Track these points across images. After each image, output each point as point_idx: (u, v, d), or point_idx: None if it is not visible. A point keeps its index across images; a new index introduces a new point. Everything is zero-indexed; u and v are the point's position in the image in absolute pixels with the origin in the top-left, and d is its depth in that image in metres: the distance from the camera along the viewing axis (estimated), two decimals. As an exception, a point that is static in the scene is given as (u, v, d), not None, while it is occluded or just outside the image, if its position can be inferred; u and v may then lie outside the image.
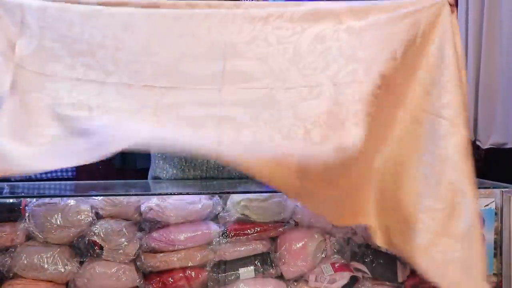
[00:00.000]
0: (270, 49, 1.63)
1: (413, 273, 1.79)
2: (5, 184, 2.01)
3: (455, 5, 1.68)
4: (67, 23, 1.65)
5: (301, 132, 1.57)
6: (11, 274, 1.73)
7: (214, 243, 1.80)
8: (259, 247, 1.81)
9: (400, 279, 1.80)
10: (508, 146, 2.63)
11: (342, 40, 1.63)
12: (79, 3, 1.68)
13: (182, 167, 2.11)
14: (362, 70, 1.60)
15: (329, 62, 1.62)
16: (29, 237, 1.78)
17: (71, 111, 1.60)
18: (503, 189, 1.80)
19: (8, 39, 1.64)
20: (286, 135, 1.57)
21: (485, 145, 2.73)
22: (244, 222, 1.81)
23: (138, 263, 1.76)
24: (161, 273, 1.77)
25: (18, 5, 1.66)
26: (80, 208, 1.78)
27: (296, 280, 1.80)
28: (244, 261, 1.79)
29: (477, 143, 2.74)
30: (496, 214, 1.80)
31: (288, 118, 1.59)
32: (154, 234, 1.77)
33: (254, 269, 1.77)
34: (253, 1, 2.49)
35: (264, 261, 1.79)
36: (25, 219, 1.77)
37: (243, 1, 1.85)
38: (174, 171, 2.12)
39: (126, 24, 1.65)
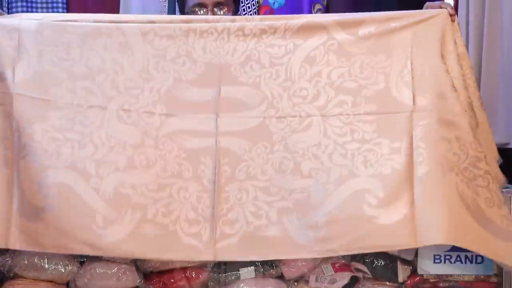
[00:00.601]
0: (262, 71, 1.68)
1: (413, 273, 1.80)
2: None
3: (454, 14, 1.69)
4: (65, 45, 1.68)
5: (291, 165, 1.65)
6: (11, 274, 1.73)
7: (214, 243, 1.80)
8: (260, 247, 1.81)
9: (400, 279, 1.79)
10: (509, 146, 2.62)
11: (332, 64, 1.68)
12: (76, 21, 1.69)
13: None
14: (350, 101, 1.67)
15: (319, 91, 1.68)
16: (29, 237, 1.78)
17: (75, 160, 1.64)
18: (504, 189, 1.79)
19: (7, 64, 1.67)
20: (278, 168, 1.65)
21: (486, 145, 2.72)
22: (244, 222, 1.80)
23: (138, 263, 1.76)
24: (161, 273, 1.77)
25: (16, 28, 1.68)
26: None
27: (297, 280, 1.80)
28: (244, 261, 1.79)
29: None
30: (497, 214, 1.79)
31: (280, 151, 1.66)
32: (155, 234, 1.77)
33: (255, 269, 1.77)
34: (250, 16, 2.49)
35: (265, 261, 1.78)
36: (26, 219, 1.77)
37: (238, 16, 1.85)
38: None
39: (123, 45, 1.68)
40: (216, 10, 2.04)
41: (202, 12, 2.03)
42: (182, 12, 2.14)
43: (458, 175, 1.62)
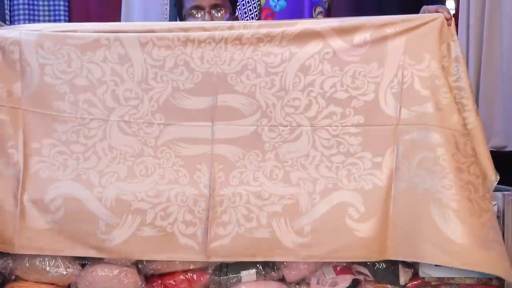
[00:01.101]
0: (258, 80, 1.71)
1: (415, 276, 1.80)
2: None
3: (451, 18, 1.68)
4: (65, 58, 1.70)
5: (281, 174, 1.70)
6: (13, 277, 1.73)
7: (216, 245, 1.80)
8: (261, 249, 1.81)
9: (402, 282, 1.79)
10: (508, 149, 2.62)
11: (325, 74, 1.70)
12: (75, 31, 1.70)
13: None
14: (339, 112, 1.70)
15: (311, 101, 1.71)
16: (31, 240, 1.78)
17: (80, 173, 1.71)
18: (505, 192, 1.80)
19: (10, 79, 1.69)
20: (269, 176, 1.70)
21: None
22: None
23: (139, 266, 1.77)
24: (162, 275, 1.77)
25: (16, 41, 1.70)
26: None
27: (298, 283, 1.80)
28: (245, 263, 1.79)
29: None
30: (498, 217, 1.79)
31: (271, 160, 1.71)
32: (156, 237, 1.77)
33: (256, 272, 1.77)
34: (248, 22, 2.49)
35: (266, 264, 1.79)
36: (27, 222, 1.76)
37: (237, 22, 1.85)
38: None
39: (122, 57, 1.70)
40: (213, 12, 2.05)
41: (199, 14, 2.05)
42: (180, 15, 2.15)
43: (437, 190, 1.62)
